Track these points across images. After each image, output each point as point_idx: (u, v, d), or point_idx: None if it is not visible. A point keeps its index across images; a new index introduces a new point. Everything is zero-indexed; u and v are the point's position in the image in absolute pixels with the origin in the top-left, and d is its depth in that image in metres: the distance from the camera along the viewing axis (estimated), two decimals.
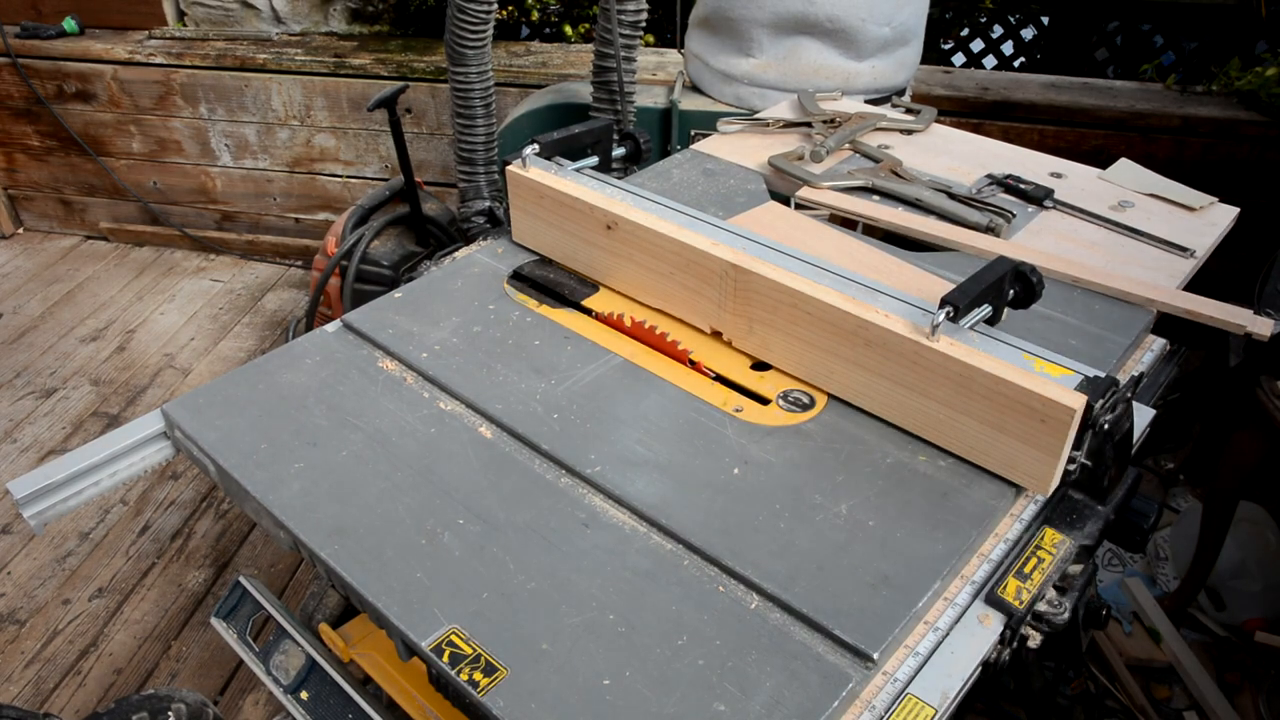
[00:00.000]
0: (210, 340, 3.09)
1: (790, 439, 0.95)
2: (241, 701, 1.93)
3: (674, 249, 1.07)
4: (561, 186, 1.17)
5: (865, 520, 0.85)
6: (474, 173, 2.40)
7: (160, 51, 3.25)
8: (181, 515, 2.39)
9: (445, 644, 0.74)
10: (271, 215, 3.56)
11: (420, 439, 0.95)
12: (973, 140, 1.63)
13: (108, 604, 2.15)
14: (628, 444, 0.94)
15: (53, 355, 3.01)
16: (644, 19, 2.11)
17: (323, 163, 3.39)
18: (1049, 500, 0.88)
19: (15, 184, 3.68)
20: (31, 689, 1.95)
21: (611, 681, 0.72)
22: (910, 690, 0.73)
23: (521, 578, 0.80)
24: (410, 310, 1.14)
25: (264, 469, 0.91)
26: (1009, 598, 0.80)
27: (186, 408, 1.00)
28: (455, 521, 0.85)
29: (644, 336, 1.10)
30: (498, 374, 1.03)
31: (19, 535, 2.33)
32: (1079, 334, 1.10)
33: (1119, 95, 2.72)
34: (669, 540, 0.84)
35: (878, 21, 2.00)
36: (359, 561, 0.82)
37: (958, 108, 2.70)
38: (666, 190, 1.33)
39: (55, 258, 3.60)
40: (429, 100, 3.14)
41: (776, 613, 0.78)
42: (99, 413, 2.76)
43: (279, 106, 3.28)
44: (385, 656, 1.03)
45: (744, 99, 2.10)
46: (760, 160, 1.50)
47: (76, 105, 3.41)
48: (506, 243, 1.29)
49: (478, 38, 2.17)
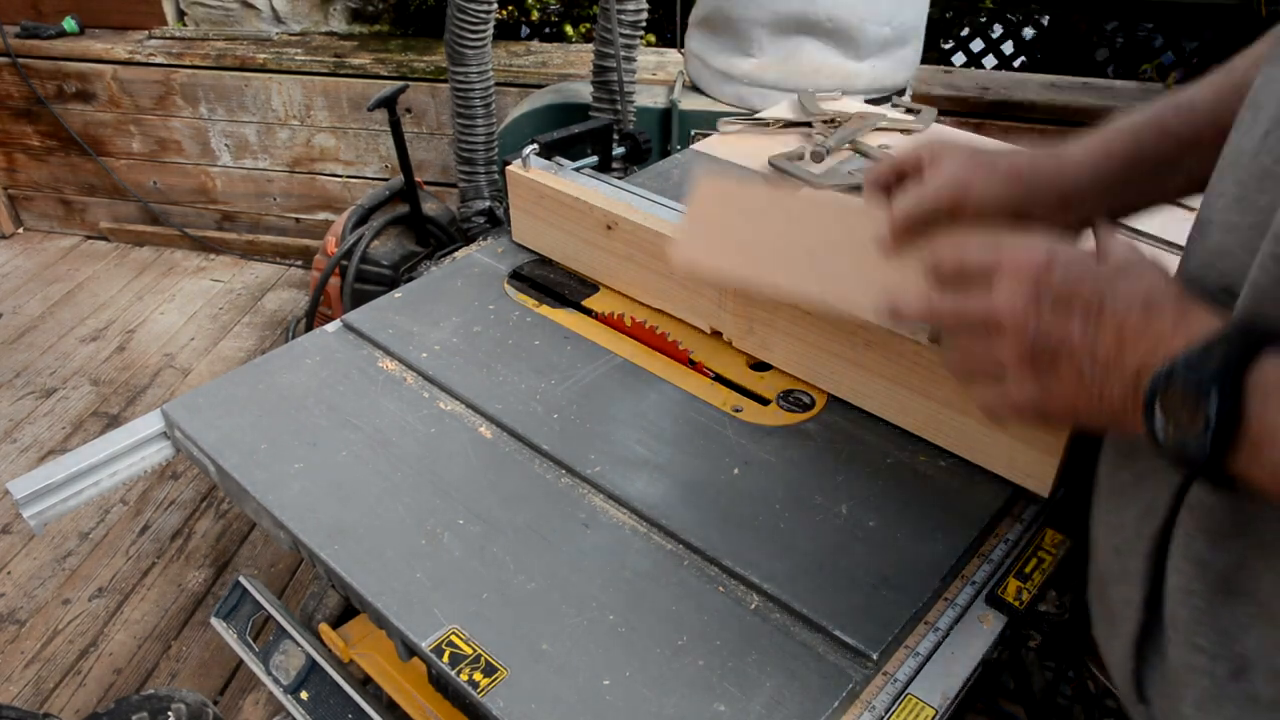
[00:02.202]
0: (210, 340, 3.09)
1: (790, 439, 0.95)
2: (241, 701, 1.93)
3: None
4: (561, 186, 1.17)
5: (865, 520, 0.85)
6: (474, 173, 2.40)
7: (160, 51, 3.25)
8: (181, 515, 2.39)
9: (445, 644, 0.74)
10: (271, 215, 3.56)
11: (420, 439, 0.95)
12: (972, 140, 1.63)
13: (108, 604, 2.15)
14: (628, 444, 0.94)
15: (53, 355, 3.01)
16: (644, 19, 2.11)
17: (323, 163, 3.39)
18: (1049, 500, 0.88)
19: (15, 184, 3.68)
20: (31, 689, 1.95)
21: (611, 681, 0.72)
22: (910, 690, 0.73)
23: (521, 578, 0.80)
24: (410, 310, 1.14)
25: (264, 469, 0.91)
26: (1009, 598, 0.80)
27: (186, 408, 1.00)
28: (455, 521, 0.85)
29: (644, 336, 1.11)
30: (498, 374, 1.03)
31: (19, 535, 2.33)
32: None
33: (1119, 95, 2.72)
34: (669, 540, 0.84)
35: (878, 21, 2.00)
36: (359, 561, 0.82)
37: (958, 108, 2.70)
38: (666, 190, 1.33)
39: (55, 258, 3.60)
40: (429, 100, 3.14)
41: (777, 613, 0.78)
42: (99, 413, 2.76)
43: (279, 106, 3.28)
44: (385, 656, 1.03)
45: (744, 99, 2.10)
46: (760, 160, 1.50)
47: (76, 105, 3.41)
48: (506, 243, 1.29)
49: (478, 38, 2.17)
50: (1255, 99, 0.57)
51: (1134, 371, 0.53)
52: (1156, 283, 0.56)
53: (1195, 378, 0.49)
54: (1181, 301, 0.54)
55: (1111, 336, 0.55)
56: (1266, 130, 0.53)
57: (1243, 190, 0.54)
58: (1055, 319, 0.57)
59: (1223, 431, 0.48)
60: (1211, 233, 0.57)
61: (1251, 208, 0.53)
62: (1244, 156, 0.55)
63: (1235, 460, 0.48)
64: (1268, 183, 0.52)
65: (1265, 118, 0.54)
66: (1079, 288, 0.57)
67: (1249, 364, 0.48)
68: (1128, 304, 0.55)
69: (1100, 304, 0.56)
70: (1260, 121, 0.54)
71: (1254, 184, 0.53)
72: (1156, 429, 0.51)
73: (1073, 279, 0.57)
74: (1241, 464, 0.48)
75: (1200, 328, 0.51)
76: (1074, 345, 0.56)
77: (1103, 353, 0.55)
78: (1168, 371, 0.50)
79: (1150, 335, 0.53)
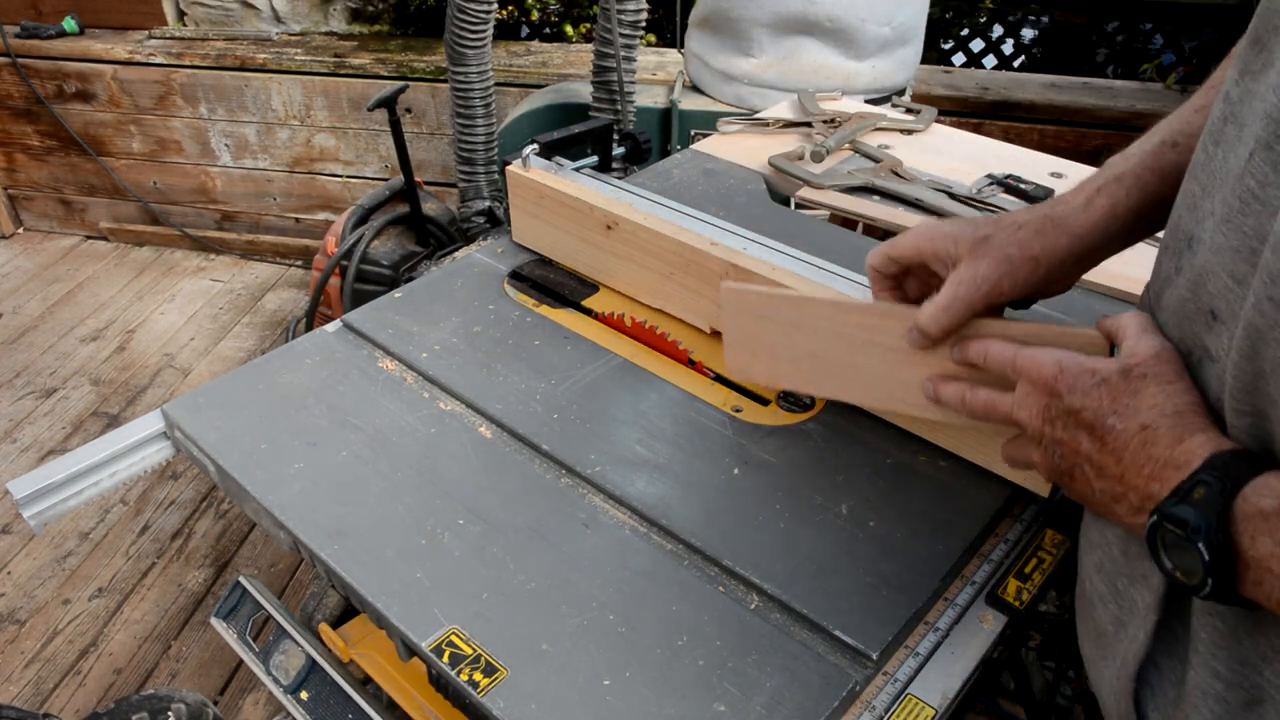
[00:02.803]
0: (210, 340, 3.09)
1: (790, 439, 0.95)
2: (241, 701, 1.93)
3: (674, 249, 1.07)
4: (561, 186, 1.17)
5: (865, 520, 0.85)
6: (474, 173, 2.40)
7: (160, 51, 3.25)
8: (181, 515, 2.39)
9: (445, 644, 0.74)
10: (271, 215, 3.56)
11: (420, 439, 0.95)
12: (973, 140, 1.63)
13: (108, 604, 2.15)
14: (628, 444, 0.94)
15: (53, 355, 3.01)
16: (644, 19, 2.11)
17: (323, 163, 3.39)
18: (1049, 500, 0.88)
19: (15, 184, 3.68)
20: (31, 689, 1.95)
21: (611, 681, 0.72)
22: (910, 690, 0.73)
23: (521, 578, 0.80)
24: (410, 310, 1.14)
25: (264, 469, 0.91)
26: (1009, 598, 0.80)
27: (186, 408, 1.00)
28: (455, 521, 0.85)
29: (644, 336, 1.11)
30: (498, 374, 1.03)
31: (19, 535, 2.33)
32: None
33: (1119, 95, 2.72)
34: (669, 540, 0.84)
35: (878, 21, 2.01)
36: (359, 561, 0.82)
37: (958, 108, 2.70)
38: (666, 190, 1.33)
39: (55, 258, 3.60)
40: (429, 100, 3.14)
41: (777, 613, 0.78)
42: (99, 413, 2.76)
43: (279, 106, 3.28)
44: (385, 656, 1.03)
45: (744, 99, 2.11)
46: (760, 160, 1.50)
47: (76, 105, 3.41)
48: (506, 243, 1.29)
49: (478, 38, 2.17)
50: (1237, 114, 0.55)
51: (1138, 497, 0.56)
52: (1157, 401, 0.57)
53: (1181, 523, 0.51)
54: (1179, 425, 0.55)
55: (1112, 460, 0.57)
56: (1251, 151, 0.51)
57: (1228, 211, 0.53)
58: (1065, 433, 0.60)
59: (1220, 569, 0.49)
60: (1199, 250, 0.56)
61: (1236, 230, 0.52)
62: (1229, 176, 0.54)
63: (1242, 588, 0.50)
64: (1253, 206, 0.51)
65: (1250, 136, 0.52)
66: (1083, 407, 0.59)
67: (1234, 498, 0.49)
68: (1125, 428, 0.57)
69: (1103, 425, 0.58)
70: (1245, 140, 0.53)
71: (1239, 205, 0.52)
72: (1162, 563, 0.53)
73: (1077, 396, 0.59)
74: (1248, 591, 0.50)
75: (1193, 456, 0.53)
76: (1083, 459, 0.59)
77: (1109, 471, 0.58)
78: (1156, 523, 0.53)
79: (1147, 461, 0.55)
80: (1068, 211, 0.71)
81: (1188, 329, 0.58)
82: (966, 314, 0.72)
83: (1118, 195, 0.70)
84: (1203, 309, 0.55)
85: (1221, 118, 0.57)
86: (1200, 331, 0.56)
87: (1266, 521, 0.48)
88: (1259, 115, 0.51)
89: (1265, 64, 0.52)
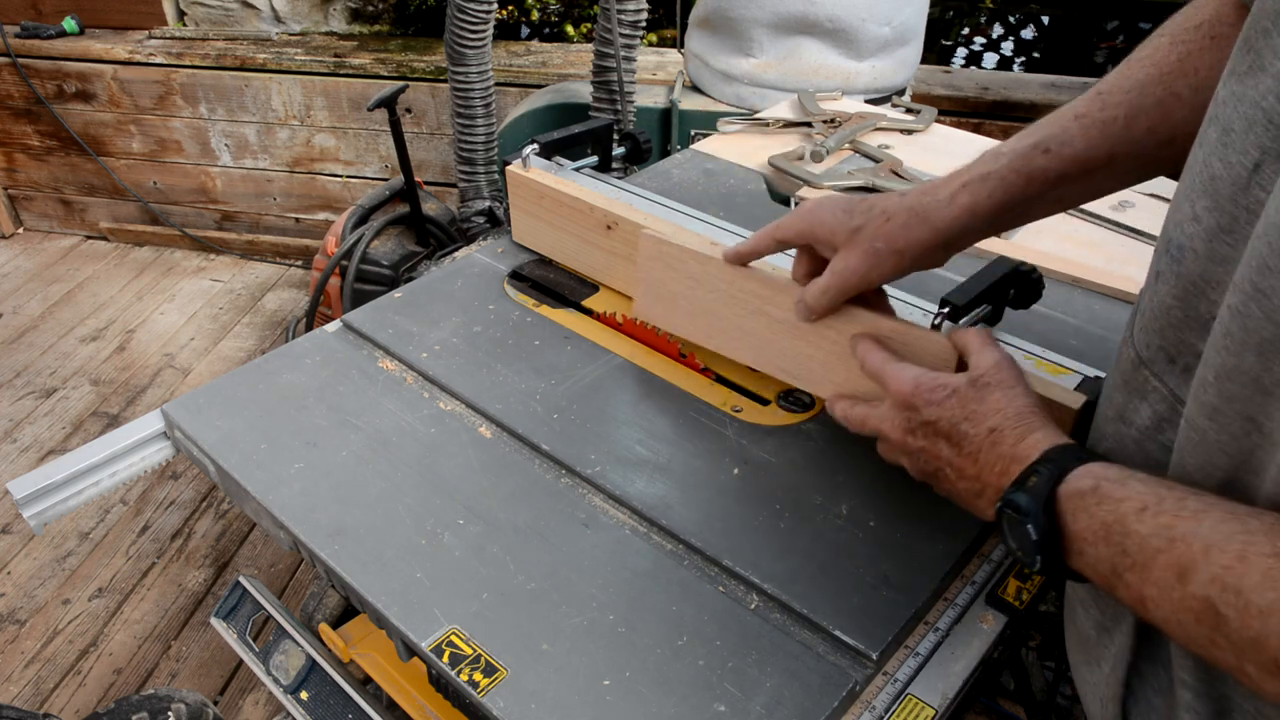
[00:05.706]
0: (210, 340, 3.09)
1: (790, 439, 0.95)
2: (241, 701, 1.93)
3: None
4: (561, 186, 1.17)
5: (865, 520, 0.85)
6: (474, 173, 2.41)
7: (160, 51, 3.25)
8: (181, 515, 2.39)
9: (445, 644, 0.74)
10: (271, 215, 3.56)
11: (420, 439, 0.95)
12: (973, 140, 1.63)
13: (108, 604, 2.15)
14: (628, 444, 0.94)
15: (53, 355, 3.01)
16: (644, 19, 2.11)
17: (323, 163, 3.39)
18: None
19: (15, 184, 3.68)
20: (31, 689, 1.95)
21: (611, 681, 0.72)
22: (910, 690, 0.73)
23: (521, 578, 0.80)
24: (410, 310, 1.14)
25: (264, 469, 0.91)
26: (1009, 598, 0.80)
27: (186, 408, 1.00)
28: (455, 522, 0.85)
29: (644, 336, 1.10)
30: (498, 374, 1.03)
31: (19, 535, 2.33)
32: (1079, 334, 1.10)
33: None
34: (669, 540, 0.84)
35: (878, 21, 2.01)
36: (359, 561, 0.82)
37: (958, 107, 2.70)
38: (666, 190, 1.33)
39: (55, 258, 3.60)
40: (429, 100, 3.14)
41: (777, 613, 0.78)
42: (99, 413, 2.76)
43: (279, 106, 3.28)
44: (385, 656, 1.03)
45: (744, 99, 2.11)
46: (760, 160, 1.50)
47: (76, 105, 3.41)
48: (506, 243, 1.29)
49: (478, 38, 2.17)
50: (1223, 118, 0.52)
51: (994, 491, 0.63)
52: (1000, 405, 0.65)
53: (1016, 508, 0.59)
54: (1021, 424, 0.63)
55: (969, 461, 0.65)
56: (1257, 163, 0.49)
57: (1232, 223, 0.51)
58: (926, 441, 0.69)
59: (1047, 545, 0.57)
60: (1188, 259, 0.54)
61: (1243, 239, 0.50)
62: (1223, 185, 0.51)
63: (1069, 560, 0.57)
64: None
65: (1252, 146, 0.49)
66: (939, 418, 0.67)
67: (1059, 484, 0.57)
68: (976, 432, 0.65)
69: (957, 432, 0.66)
70: (1234, 146, 0.51)
71: (1245, 217, 0.50)
72: (1007, 543, 0.61)
73: (933, 409, 0.68)
74: (1074, 563, 0.57)
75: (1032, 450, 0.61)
76: (944, 463, 0.68)
77: (967, 472, 0.66)
78: (999, 509, 0.61)
79: (997, 459, 0.63)
80: (932, 204, 0.77)
81: (1171, 336, 0.57)
82: (840, 299, 0.82)
83: (980, 194, 0.75)
84: (1206, 317, 0.54)
85: (1206, 119, 0.55)
86: (1193, 340, 0.55)
87: (1083, 500, 0.55)
88: (1258, 121, 0.49)
89: (1252, 66, 0.50)
